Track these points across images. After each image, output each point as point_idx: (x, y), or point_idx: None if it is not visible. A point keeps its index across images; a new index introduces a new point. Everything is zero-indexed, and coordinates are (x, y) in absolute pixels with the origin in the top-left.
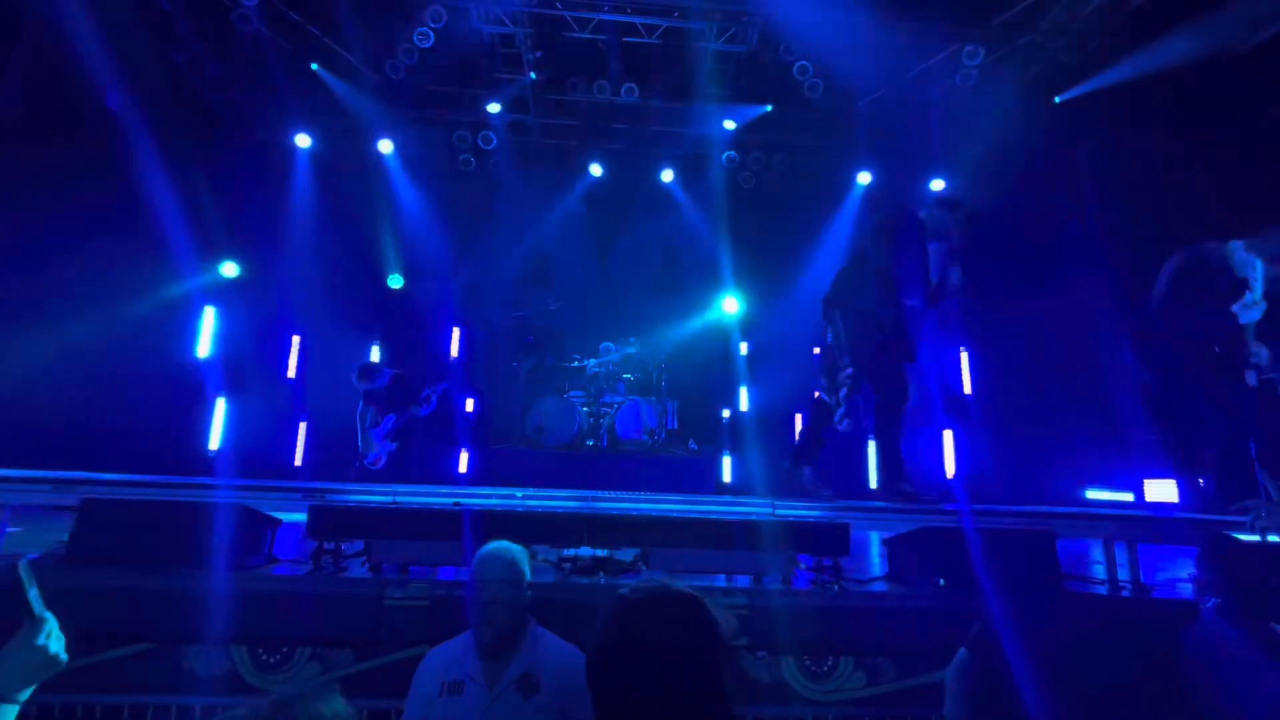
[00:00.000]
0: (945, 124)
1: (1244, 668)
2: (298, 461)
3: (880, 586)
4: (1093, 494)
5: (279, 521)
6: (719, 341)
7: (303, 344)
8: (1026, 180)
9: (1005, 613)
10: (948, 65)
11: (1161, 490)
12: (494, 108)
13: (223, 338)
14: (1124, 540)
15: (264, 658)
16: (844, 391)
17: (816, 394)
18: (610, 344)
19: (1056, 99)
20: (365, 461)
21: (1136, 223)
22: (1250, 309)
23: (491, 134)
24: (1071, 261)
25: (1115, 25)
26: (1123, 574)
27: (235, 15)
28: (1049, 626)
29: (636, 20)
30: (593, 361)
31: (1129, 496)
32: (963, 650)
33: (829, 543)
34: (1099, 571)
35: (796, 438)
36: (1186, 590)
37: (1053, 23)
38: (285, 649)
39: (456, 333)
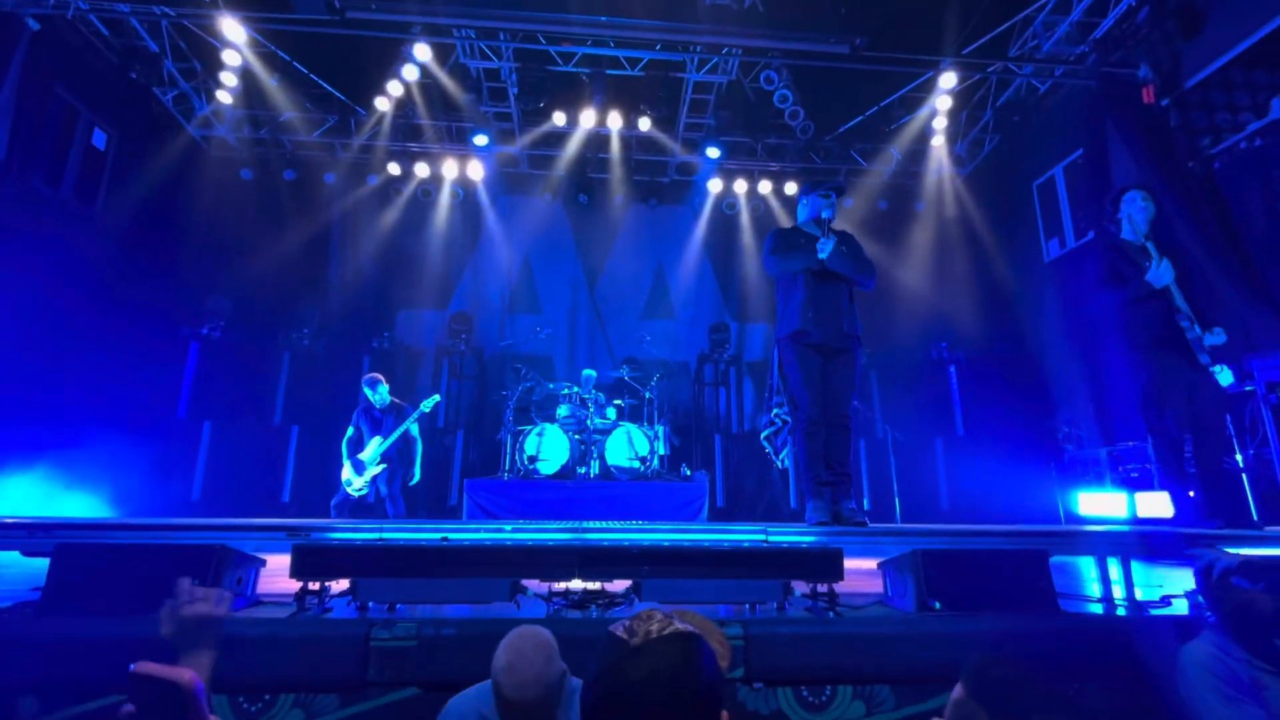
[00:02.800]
0: (921, 150)
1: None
2: (285, 498)
3: (875, 612)
4: (1085, 497)
5: (262, 561)
6: (710, 365)
7: (288, 379)
8: (1002, 206)
9: (1001, 635)
10: (921, 92)
11: (1153, 504)
12: (481, 140)
13: (208, 375)
14: (1117, 557)
15: (245, 706)
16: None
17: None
18: (591, 371)
19: None
20: (350, 491)
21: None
22: (1156, 272)
23: (479, 165)
24: (1049, 280)
25: (1080, 53)
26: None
27: (222, 54)
28: (1045, 648)
29: (619, 54)
30: (580, 389)
31: (1122, 498)
32: (959, 688)
33: (822, 568)
34: (1093, 589)
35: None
36: (1184, 607)
37: (1020, 50)
38: (268, 696)
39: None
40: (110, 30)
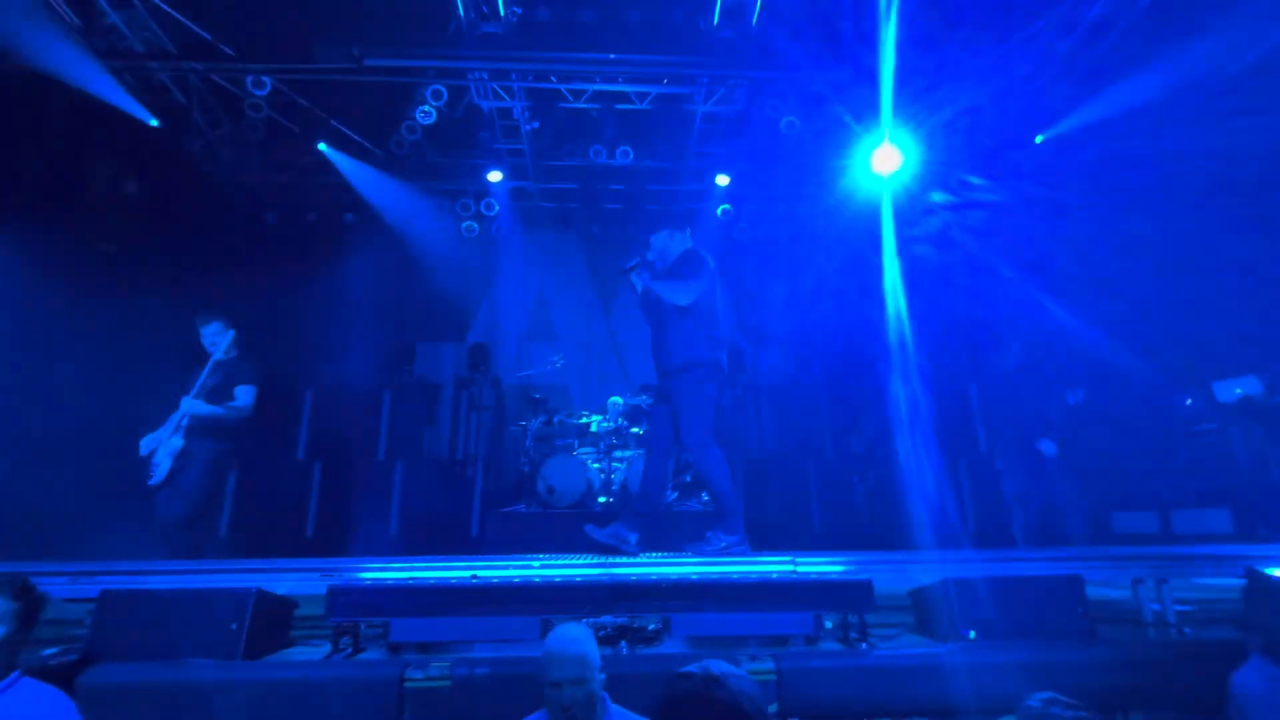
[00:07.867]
0: None
1: None
2: (309, 532)
3: (909, 642)
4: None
5: (295, 604)
6: (728, 389)
7: (312, 406)
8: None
9: (1036, 665)
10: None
11: (1195, 519)
12: (495, 176)
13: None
14: (1154, 579)
15: None
16: None
17: None
18: (619, 398)
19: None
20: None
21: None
22: None
23: (493, 200)
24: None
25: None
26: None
27: (248, 104)
28: (1084, 679)
29: (628, 89)
30: (600, 417)
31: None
32: None
33: (852, 599)
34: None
35: None
36: (1229, 630)
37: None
38: None
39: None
40: (140, 84)
